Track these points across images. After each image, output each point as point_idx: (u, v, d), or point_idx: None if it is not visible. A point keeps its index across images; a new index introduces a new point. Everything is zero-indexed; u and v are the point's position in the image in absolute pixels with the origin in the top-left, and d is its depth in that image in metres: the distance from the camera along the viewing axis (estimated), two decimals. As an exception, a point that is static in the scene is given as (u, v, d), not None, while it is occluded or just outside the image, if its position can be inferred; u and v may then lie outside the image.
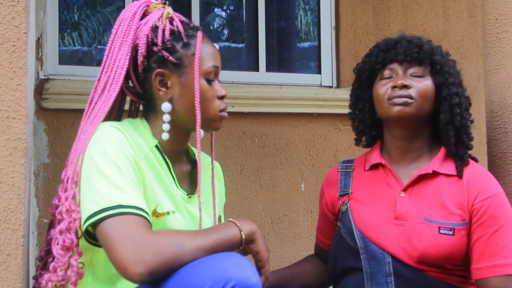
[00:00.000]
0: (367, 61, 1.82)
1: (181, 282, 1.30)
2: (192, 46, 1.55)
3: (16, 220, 1.46)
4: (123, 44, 1.52)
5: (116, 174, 1.39)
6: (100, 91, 1.53)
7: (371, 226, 1.74)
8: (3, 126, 1.47)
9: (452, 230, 1.67)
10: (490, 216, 1.67)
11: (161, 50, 1.52)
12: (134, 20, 1.54)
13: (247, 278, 1.27)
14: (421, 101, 1.72)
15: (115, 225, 1.34)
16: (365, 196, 1.79)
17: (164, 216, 1.48)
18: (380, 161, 1.80)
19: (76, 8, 3.50)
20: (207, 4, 3.75)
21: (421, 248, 1.67)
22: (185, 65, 1.54)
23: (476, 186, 1.71)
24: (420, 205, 1.72)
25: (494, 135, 2.14)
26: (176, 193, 1.54)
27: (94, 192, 1.38)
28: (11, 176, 1.47)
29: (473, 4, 3.65)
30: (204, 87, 1.54)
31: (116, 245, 1.32)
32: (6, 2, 1.49)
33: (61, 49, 3.11)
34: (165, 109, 1.53)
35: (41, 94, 2.85)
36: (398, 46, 1.77)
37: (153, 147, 1.53)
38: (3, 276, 1.44)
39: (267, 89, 3.29)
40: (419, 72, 1.75)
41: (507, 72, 2.10)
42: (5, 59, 1.49)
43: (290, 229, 3.28)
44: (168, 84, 1.54)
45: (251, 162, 3.25)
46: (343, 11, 3.45)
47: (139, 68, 1.54)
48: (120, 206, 1.36)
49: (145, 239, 1.32)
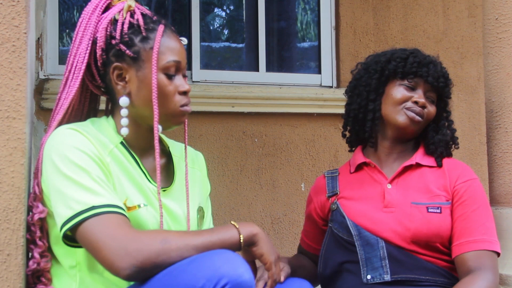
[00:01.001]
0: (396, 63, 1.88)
1: (174, 280, 1.30)
2: (151, 40, 1.51)
3: (16, 220, 1.46)
4: (83, 38, 1.51)
5: (83, 176, 1.38)
6: (63, 87, 1.52)
7: (363, 215, 1.82)
8: (3, 126, 1.47)
9: (439, 208, 1.77)
10: (470, 196, 1.79)
11: (118, 44, 1.50)
12: (95, 13, 1.52)
13: (239, 275, 1.27)
14: (425, 122, 1.88)
15: (94, 226, 1.34)
16: (354, 193, 1.88)
17: (135, 209, 1.46)
18: (364, 160, 1.91)
19: (76, 8, 3.49)
20: (207, 4, 3.75)
21: (413, 227, 1.75)
22: (142, 59, 1.50)
23: (455, 171, 1.84)
24: (407, 192, 1.82)
25: (494, 135, 2.14)
26: (149, 187, 1.52)
27: (65, 198, 1.38)
28: (11, 176, 1.47)
29: (473, 4, 3.65)
30: (162, 82, 1.50)
31: (98, 245, 1.33)
32: (6, 2, 1.49)
33: (61, 49, 3.11)
34: (123, 103, 1.51)
35: (41, 94, 2.85)
36: (431, 68, 1.88)
37: (118, 143, 1.51)
38: (3, 276, 1.44)
39: (267, 89, 3.29)
40: (433, 97, 1.89)
41: (507, 72, 2.10)
42: (5, 59, 1.48)
43: (290, 229, 3.28)
44: (126, 78, 1.51)
45: (251, 162, 3.25)
46: (343, 11, 3.45)
47: (98, 62, 1.52)
48: (93, 207, 1.36)
49: (127, 234, 1.33)
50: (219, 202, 3.17)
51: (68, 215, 1.36)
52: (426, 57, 1.91)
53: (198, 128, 3.13)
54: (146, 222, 1.47)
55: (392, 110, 1.85)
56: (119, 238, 1.33)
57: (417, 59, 1.89)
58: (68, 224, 1.36)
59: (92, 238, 1.34)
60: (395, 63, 1.88)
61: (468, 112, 3.61)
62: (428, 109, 1.86)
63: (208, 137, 3.18)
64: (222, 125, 3.20)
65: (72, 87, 1.51)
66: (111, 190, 1.42)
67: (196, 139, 3.12)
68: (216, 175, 3.16)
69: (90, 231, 1.35)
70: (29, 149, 1.55)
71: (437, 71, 1.88)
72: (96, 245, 1.34)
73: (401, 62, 1.88)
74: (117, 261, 1.31)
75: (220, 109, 3.18)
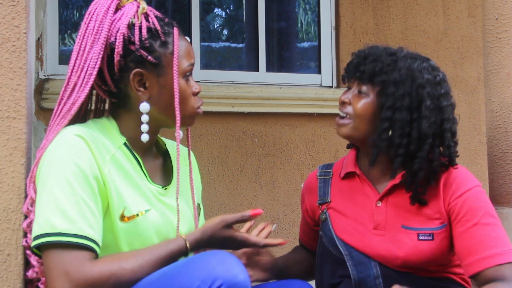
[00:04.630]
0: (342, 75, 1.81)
1: (168, 283, 1.29)
2: (169, 45, 1.49)
3: (16, 220, 1.45)
4: (95, 42, 1.45)
5: (66, 194, 1.35)
6: (70, 91, 1.47)
7: (352, 236, 1.74)
8: (3, 126, 1.47)
9: (431, 235, 1.66)
10: (467, 210, 1.64)
11: (138, 49, 1.46)
12: (108, 15, 1.46)
13: (234, 276, 1.26)
14: (358, 120, 1.68)
15: (53, 255, 1.33)
16: (344, 206, 1.78)
17: (134, 219, 1.44)
18: (354, 170, 1.78)
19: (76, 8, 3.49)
20: (207, 4, 3.75)
21: (402, 256, 1.67)
22: (163, 65, 1.48)
23: (450, 187, 1.67)
24: (398, 213, 1.70)
25: (494, 135, 2.14)
26: (150, 189, 1.51)
27: (40, 213, 1.36)
28: (11, 176, 1.46)
29: (473, 4, 3.65)
30: (183, 86, 1.50)
31: (51, 276, 1.32)
32: (6, 2, 1.49)
33: (61, 49, 3.11)
34: (144, 109, 1.48)
35: (41, 94, 2.85)
36: (351, 63, 1.73)
37: (121, 145, 1.49)
38: (3, 276, 1.44)
39: (267, 89, 3.29)
40: (364, 89, 1.69)
41: (507, 72, 2.10)
42: (5, 59, 1.48)
43: (290, 229, 3.28)
44: (146, 84, 1.48)
45: (251, 162, 3.25)
46: (343, 11, 3.45)
47: (115, 67, 1.47)
48: (60, 234, 1.32)
49: (80, 274, 1.31)
50: (219, 202, 3.17)
51: (36, 232, 1.34)
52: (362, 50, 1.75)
53: (198, 128, 3.13)
54: (148, 228, 1.46)
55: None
56: (71, 276, 1.30)
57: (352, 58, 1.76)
58: (35, 241, 1.34)
59: (49, 267, 1.33)
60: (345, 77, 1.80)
61: (468, 112, 3.61)
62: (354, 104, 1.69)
63: (208, 137, 3.18)
64: (222, 125, 3.20)
65: (82, 92, 1.45)
66: (91, 216, 1.37)
67: (196, 139, 3.12)
68: (216, 175, 3.16)
69: (49, 259, 1.33)
70: (29, 149, 1.55)
71: (359, 64, 1.70)
72: (51, 277, 1.32)
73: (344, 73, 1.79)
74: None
75: (220, 109, 3.18)
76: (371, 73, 1.67)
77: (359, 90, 1.70)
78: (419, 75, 1.66)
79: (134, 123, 1.51)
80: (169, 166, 1.63)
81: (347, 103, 1.71)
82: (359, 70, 1.70)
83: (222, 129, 3.21)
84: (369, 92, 1.68)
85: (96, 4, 1.49)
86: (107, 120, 1.54)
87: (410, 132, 1.64)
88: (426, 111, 1.64)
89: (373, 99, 1.67)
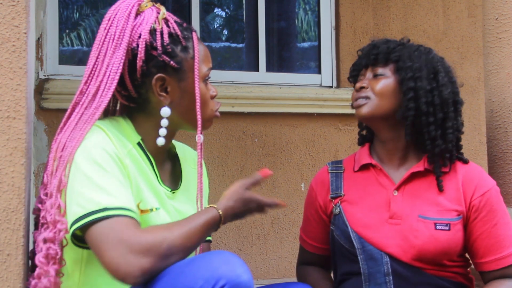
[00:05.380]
0: (351, 73, 1.88)
1: (172, 282, 1.30)
2: (190, 49, 1.51)
3: (16, 220, 1.45)
4: (117, 48, 1.46)
5: (100, 175, 1.37)
6: (91, 96, 1.46)
7: (367, 227, 1.74)
8: (3, 126, 1.47)
9: (448, 225, 1.69)
10: (489, 211, 1.71)
11: (161, 55, 1.47)
12: (129, 21, 1.47)
13: (237, 276, 1.27)
14: (379, 99, 1.74)
15: (103, 228, 1.33)
16: (358, 197, 1.79)
17: (147, 213, 1.46)
18: (370, 161, 1.81)
19: (76, 8, 3.50)
20: (207, 4, 3.75)
21: (419, 245, 1.68)
22: (184, 69, 1.50)
23: (472, 182, 1.73)
24: (414, 203, 1.73)
25: (494, 135, 2.14)
26: (160, 189, 1.52)
27: (78, 195, 1.36)
28: (11, 176, 1.46)
29: (473, 4, 3.65)
30: (203, 90, 1.53)
31: (106, 248, 1.32)
32: (6, 2, 1.49)
33: (61, 49, 3.11)
34: (165, 114, 1.50)
35: (41, 94, 2.85)
36: (365, 52, 1.82)
37: (135, 144, 1.50)
38: (3, 276, 1.44)
39: (267, 89, 3.29)
40: (380, 71, 1.77)
41: (507, 72, 2.10)
42: (5, 59, 1.48)
43: (290, 229, 3.28)
44: (168, 89, 1.50)
45: (251, 162, 3.25)
46: (343, 11, 3.45)
47: (137, 73, 1.48)
48: (105, 209, 1.34)
49: (135, 239, 1.32)
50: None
51: (79, 214, 1.35)
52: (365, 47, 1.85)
53: (198, 128, 3.13)
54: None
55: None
56: (127, 242, 1.31)
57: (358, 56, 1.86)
58: (78, 223, 1.35)
59: (101, 240, 1.33)
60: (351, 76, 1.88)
61: (468, 112, 3.61)
62: (373, 85, 1.75)
63: (208, 137, 3.18)
64: (222, 125, 3.20)
65: (105, 97, 1.45)
66: (126, 192, 1.40)
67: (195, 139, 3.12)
68: (216, 175, 3.16)
69: (100, 233, 1.33)
70: (29, 149, 1.55)
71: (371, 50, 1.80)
72: (104, 248, 1.32)
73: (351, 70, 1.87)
74: (124, 269, 1.30)
75: (220, 109, 3.17)
76: (386, 52, 1.77)
77: (375, 74, 1.77)
78: (429, 51, 1.81)
79: (152, 127, 1.53)
80: (178, 170, 1.64)
81: (366, 87, 1.75)
82: (372, 54, 1.78)
83: (222, 129, 3.21)
84: (386, 72, 1.76)
85: (116, 10, 1.50)
86: (123, 120, 1.54)
87: (433, 100, 1.72)
88: (444, 79, 1.75)
89: (391, 76, 1.75)
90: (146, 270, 1.30)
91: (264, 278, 3.17)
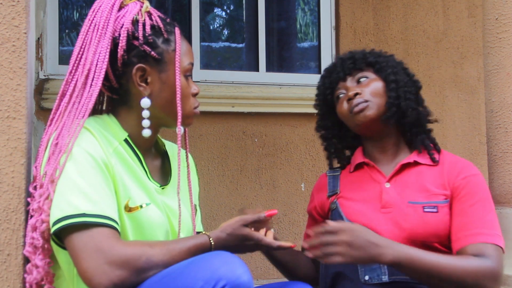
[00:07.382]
0: (318, 97, 1.95)
1: (172, 283, 1.29)
2: (172, 42, 1.52)
3: (16, 220, 1.46)
4: (102, 37, 1.47)
5: (83, 179, 1.36)
6: (81, 86, 1.47)
7: (361, 215, 1.81)
8: (3, 126, 1.47)
9: (435, 207, 1.76)
10: (468, 192, 1.76)
11: (142, 45, 1.49)
12: (112, 13, 1.49)
13: (237, 277, 1.26)
14: (375, 99, 1.83)
15: (83, 236, 1.33)
16: (353, 193, 1.87)
17: (137, 210, 1.46)
18: (363, 160, 1.90)
19: (76, 8, 3.50)
20: (207, 4, 3.75)
21: (409, 228, 1.74)
22: (165, 61, 1.51)
23: (455, 168, 1.81)
24: (404, 191, 1.80)
25: (494, 135, 2.14)
26: (150, 185, 1.52)
27: (60, 197, 1.36)
28: (11, 176, 1.47)
29: (473, 4, 3.65)
30: (184, 84, 1.53)
31: (83, 257, 1.31)
32: (6, 2, 1.49)
33: (61, 49, 3.11)
34: (145, 104, 1.50)
35: (41, 94, 2.85)
36: (337, 66, 1.89)
37: (122, 140, 1.50)
38: (3, 276, 1.44)
39: (267, 89, 3.29)
40: (363, 75, 1.86)
41: (507, 72, 2.10)
42: (5, 59, 1.48)
43: (290, 229, 3.28)
44: (148, 80, 1.51)
45: (251, 162, 3.25)
46: (343, 11, 3.45)
47: (118, 62, 1.49)
48: (84, 214, 1.33)
49: (113, 251, 1.31)
50: (219, 202, 3.17)
51: (57, 216, 1.34)
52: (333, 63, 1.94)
53: (198, 128, 3.13)
54: (149, 222, 1.47)
55: (350, 123, 1.86)
56: (103, 252, 1.31)
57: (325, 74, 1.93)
58: (57, 225, 1.34)
59: (78, 247, 1.32)
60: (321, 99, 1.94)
61: (468, 112, 3.61)
62: (365, 89, 1.82)
63: (208, 137, 3.18)
64: (222, 125, 3.20)
65: (95, 86, 1.47)
66: (109, 199, 1.39)
67: (196, 139, 3.12)
68: (216, 175, 3.16)
69: (77, 239, 1.33)
70: (29, 149, 1.55)
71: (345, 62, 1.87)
72: (80, 255, 1.32)
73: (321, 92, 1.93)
74: (97, 278, 1.30)
75: (220, 109, 3.18)
76: (362, 58, 1.87)
77: (358, 80, 1.85)
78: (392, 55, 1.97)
79: (135, 120, 1.53)
80: (167, 167, 1.65)
81: (360, 92, 1.82)
82: (349, 64, 1.87)
83: (222, 129, 3.21)
84: (368, 75, 1.86)
85: (100, 2, 1.52)
86: (108, 117, 1.55)
87: (410, 89, 1.88)
88: (411, 73, 1.93)
89: (375, 78, 1.86)
90: (119, 282, 1.30)
91: (264, 278, 3.17)
